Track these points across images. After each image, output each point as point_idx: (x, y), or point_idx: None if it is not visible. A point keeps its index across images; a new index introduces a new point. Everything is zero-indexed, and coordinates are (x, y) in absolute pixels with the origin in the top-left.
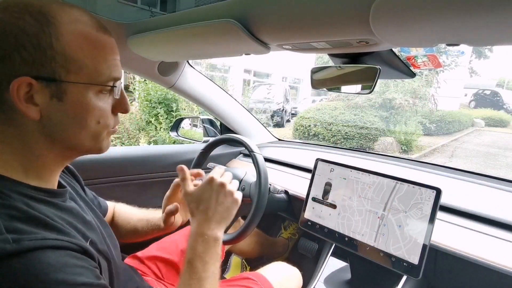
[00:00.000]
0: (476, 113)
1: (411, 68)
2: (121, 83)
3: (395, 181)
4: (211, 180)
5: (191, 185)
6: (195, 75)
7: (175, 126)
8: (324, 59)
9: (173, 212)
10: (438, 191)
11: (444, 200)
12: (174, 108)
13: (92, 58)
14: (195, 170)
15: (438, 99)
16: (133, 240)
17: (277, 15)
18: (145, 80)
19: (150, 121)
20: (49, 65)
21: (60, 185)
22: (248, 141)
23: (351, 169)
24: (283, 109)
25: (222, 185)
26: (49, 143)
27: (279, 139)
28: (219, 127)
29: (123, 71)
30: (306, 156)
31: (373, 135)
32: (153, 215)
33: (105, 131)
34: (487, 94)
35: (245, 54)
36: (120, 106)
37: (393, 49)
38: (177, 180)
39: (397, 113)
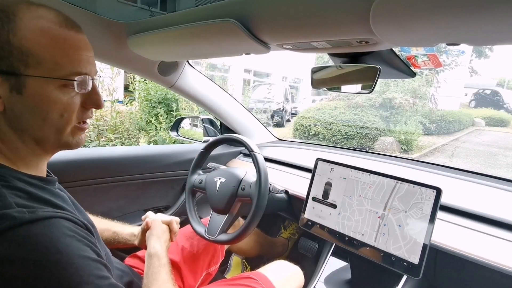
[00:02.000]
0: (476, 113)
1: (411, 67)
2: (92, 79)
3: (395, 180)
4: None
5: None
6: (195, 75)
7: (175, 126)
8: (324, 58)
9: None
10: (439, 191)
11: (444, 199)
12: (174, 108)
13: (51, 53)
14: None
15: (438, 98)
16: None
17: (277, 14)
18: (145, 80)
19: (150, 121)
20: (7, 59)
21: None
22: (248, 141)
23: (351, 168)
24: (283, 108)
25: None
26: (18, 135)
27: (279, 139)
28: (219, 126)
29: (123, 70)
30: (306, 156)
31: (373, 134)
32: (122, 229)
33: (70, 126)
34: (488, 93)
35: (245, 54)
36: (90, 101)
37: (393, 49)
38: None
39: (397, 112)
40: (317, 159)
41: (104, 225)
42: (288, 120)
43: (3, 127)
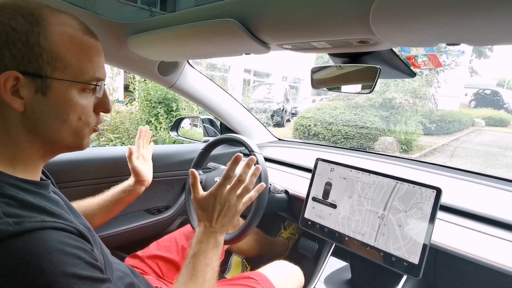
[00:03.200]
0: (476, 113)
1: (411, 67)
2: (104, 85)
3: (395, 180)
4: (217, 192)
5: (201, 191)
6: (195, 75)
7: (175, 126)
8: (324, 58)
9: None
10: (438, 191)
11: (444, 199)
12: (174, 108)
13: (77, 58)
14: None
15: (438, 98)
16: (104, 221)
17: (277, 15)
18: (145, 80)
19: (150, 121)
20: (36, 61)
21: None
22: (248, 141)
23: (351, 168)
24: (283, 108)
25: (226, 200)
26: (31, 136)
27: (279, 139)
28: (219, 126)
29: (123, 70)
30: (306, 155)
31: (373, 134)
32: (112, 191)
33: (86, 128)
34: (488, 93)
35: (245, 54)
36: (102, 106)
37: (393, 49)
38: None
39: (397, 112)
40: (317, 159)
41: (96, 200)
42: (288, 120)
43: (18, 127)
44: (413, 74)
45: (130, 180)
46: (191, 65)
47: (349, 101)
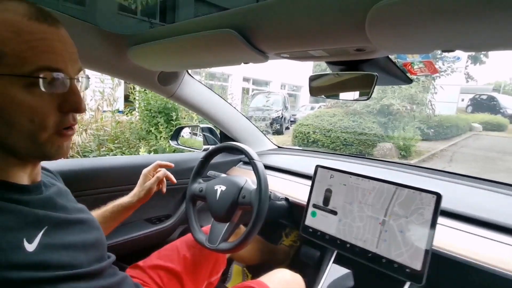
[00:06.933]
0: (473, 118)
1: (408, 74)
2: (68, 78)
3: (395, 186)
4: None
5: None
6: (194, 84)
7: (175, 135)
8: (322, 66)
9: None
10: (439, 196)
11: (444, 204)
12: (174, 117)
13: (13, 47)
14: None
15: (435, 104)
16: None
17: (275, 25)
18: (145, 90)
19: (150, 131)
20: None
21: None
22: (248, 149)
23: (350, 175)
24: (282, 116)
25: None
26: None
27: (279, 147)
28: (218, 135)
29: (122, 80)
30: (306, 163)
31: (372, 141)
32: (112, 205)
33: (44, 133)
34: (484, 98)
35: (244, 63)
36: (68, 104)
37: (390, 56)
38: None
39: (395, 118)
40: (317, 166)
41: (103, 210)
42: (287, 128)
43: None
44: (409, 81)
45: (132, 198)
46: (191, 75)
47: (347, 108)
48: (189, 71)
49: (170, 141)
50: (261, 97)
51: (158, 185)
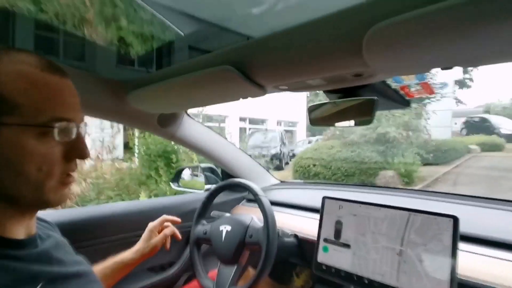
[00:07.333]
0: (469, 140)
1: (405, 97)
2: (75, 126)
3: (408, 212)
4: None
5: None
6: (193, 124)
7: (176, 177)
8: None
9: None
10: (455, 219)
11: (461, 228)
12: (174, 160)
13: (29, 98)
14: None
15: (430, 129)
16: None
17: (271, 57)
18: (144, 135)
19: (150, 175)
20: None
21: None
22: (252, 184)
23: (360, 204)
24: (281, 152)
25: None
26: None
27: (282, 181)
28: (220, 174)
29: (122, 129)
30: (312, 195)
31: (373, 169)
32: (113, 262)
33: (51, 181)
34: (477, 120)
35: (242, 98)
36: (74, 151)
37: (386, 81)
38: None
39: (393, 146)
40: (324, 198)
41: (102, 266)
42: (287, 163)
43: None
44: (407, 104)
45: (134, 254)
46: (189, 116)
47: (345, 139)
48: (188, 112)
49: (171, 183)
50: (258, 135)
51: (162, 241)
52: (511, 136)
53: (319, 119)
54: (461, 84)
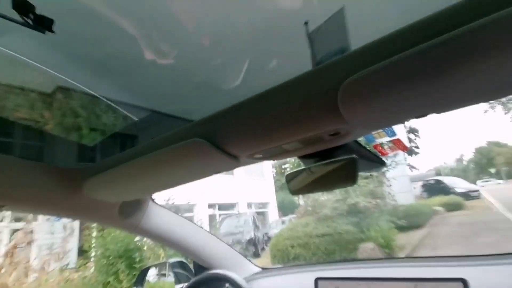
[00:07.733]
0: (432, 202)
1: (379, 156)
2: None
3: (414, 282)
4: None
5: None
6: (160, 212)
7: (140, 280)
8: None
9: None
10: (464, 282)
11: None
12: (137, 259)
13: None
14: None
15: (395, 195)
16: None
17: (243, 125)
18: (102, 234)
19: (109, 282)
20: None
21: None
22: (233, 276)
23: (359, 281)
24: (255, 237)
25: None
26: None
27: (263, 268)
28: (192, 268)
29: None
30: (300, 280)
31: (352, 243)
32: None
33: None
34: (432, 183)
35: (216, 173)
36: None
37: (359, 141)
38: None
39: (365, 216)
40: (316, 280)
41: None
42: (263, 249)
43: None
44: (383, 163)
45: None
46: (155, 202)
47: (318, 214)
48: (154, 198)
49: None
50: (230, 220)
51: None
52: (466, 194)
53: (299, 188)
54: (409, 152)
